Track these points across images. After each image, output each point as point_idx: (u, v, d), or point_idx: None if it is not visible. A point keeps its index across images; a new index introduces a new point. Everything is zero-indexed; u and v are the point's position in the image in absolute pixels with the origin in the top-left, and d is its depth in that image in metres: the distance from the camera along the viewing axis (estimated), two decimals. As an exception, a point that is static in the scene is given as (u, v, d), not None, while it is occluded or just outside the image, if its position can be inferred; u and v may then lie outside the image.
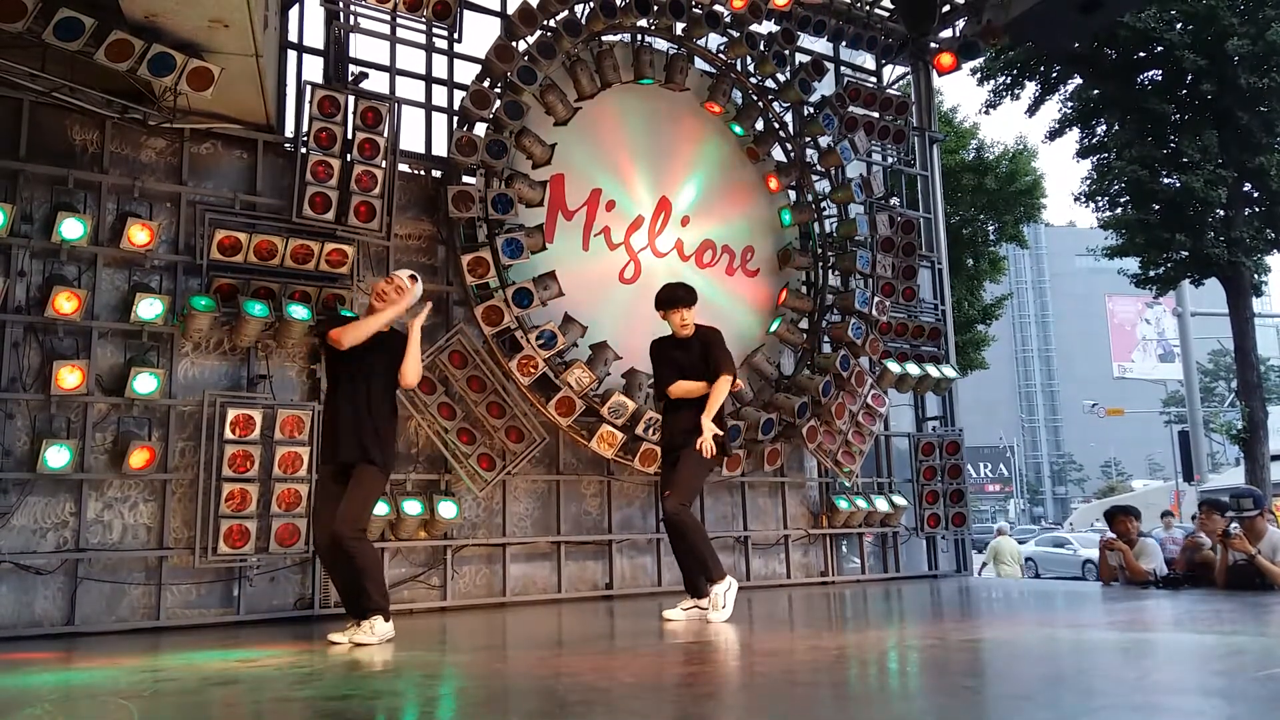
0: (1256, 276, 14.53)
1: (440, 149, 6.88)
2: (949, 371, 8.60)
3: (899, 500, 8.20)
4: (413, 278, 4.75)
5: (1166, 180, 14.17)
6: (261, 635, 4.31)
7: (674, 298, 5.19)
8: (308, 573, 5.87)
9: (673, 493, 4.93)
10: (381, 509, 5.78)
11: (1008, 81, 15.20)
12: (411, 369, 4.59)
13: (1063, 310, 68.99)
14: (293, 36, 6.53)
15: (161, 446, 5.48)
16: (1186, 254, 14.30)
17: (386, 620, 4.38)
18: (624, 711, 2.65)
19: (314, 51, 6.55)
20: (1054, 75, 15.09)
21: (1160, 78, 14.32)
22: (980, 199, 16.49)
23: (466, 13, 6.88)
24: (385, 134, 6.21)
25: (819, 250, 8.31)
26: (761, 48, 7.90)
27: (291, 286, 5.85)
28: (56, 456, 5.08)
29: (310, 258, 5.90)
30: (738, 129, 8.13)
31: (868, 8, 9.26)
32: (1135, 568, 6.66)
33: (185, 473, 5.60)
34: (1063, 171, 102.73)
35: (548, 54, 6.89)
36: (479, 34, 7.21)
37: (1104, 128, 15.25)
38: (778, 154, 8.44)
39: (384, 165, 6.16)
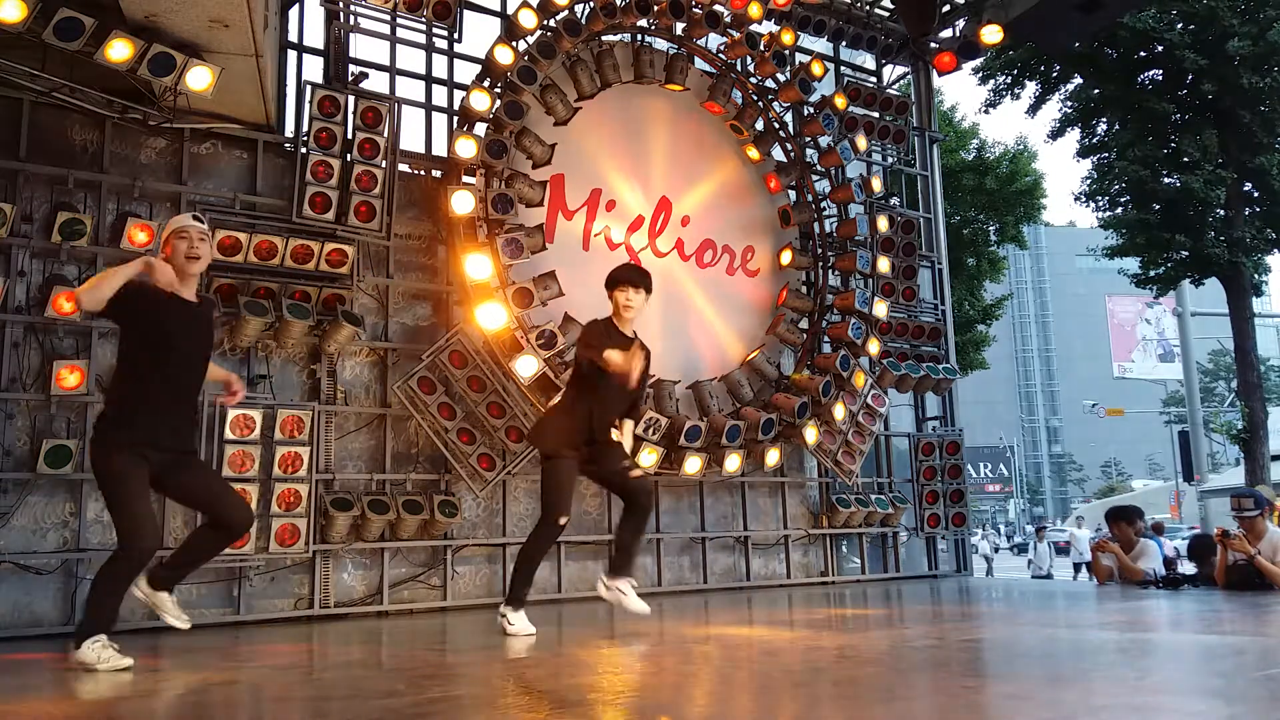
0: (1256, 276, 14.52)
1: (440, 149, 6.89)
2: (949, 372, 8.60)
3: (899, 500, 8.21)
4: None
5: (1167, 180, 14.17)
6: (261, 635, 4.31)
7: (618, 277, 4.68)
8: (308, 573, 5.87)
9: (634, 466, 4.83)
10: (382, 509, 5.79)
11: (1008, 81, 15.20)
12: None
13: (1063, 310, 69.01)
14: (293, 36, 6.54)
15: (161, 446, 5.47)
16: (1186, 254, 14.29)
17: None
18: (623, 711, 2.65)
19: (314, 51, 6.56)
20: (1054, 75, 15.09)
21: (1161, 77, 14.32)
22: (980, 199, 16.48)
23: (466, 13, 6.88)
24: (385, 134, 6.22)
25: (819, 250, 8.31)
26: (761, 48, 7.90)
27: (291, 286, 5.85)
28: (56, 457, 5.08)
29: (310, 258, 5.90)
30: (738, 129, 8.13)
31: (868, 8, 9.26)
32: (1130, 569, 6.65)
33: (185, 473, 5.59)
34: (1063, 171, 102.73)
35: (548, 54, 6.89)
36: (479, 34, 7.22)
37: (1104, 127, 15.25)
38: (778, 154, 8.44)
39: (384, 165, 6.16)
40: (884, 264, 8.17)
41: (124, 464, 3.65)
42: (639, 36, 7.66)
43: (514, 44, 6.82)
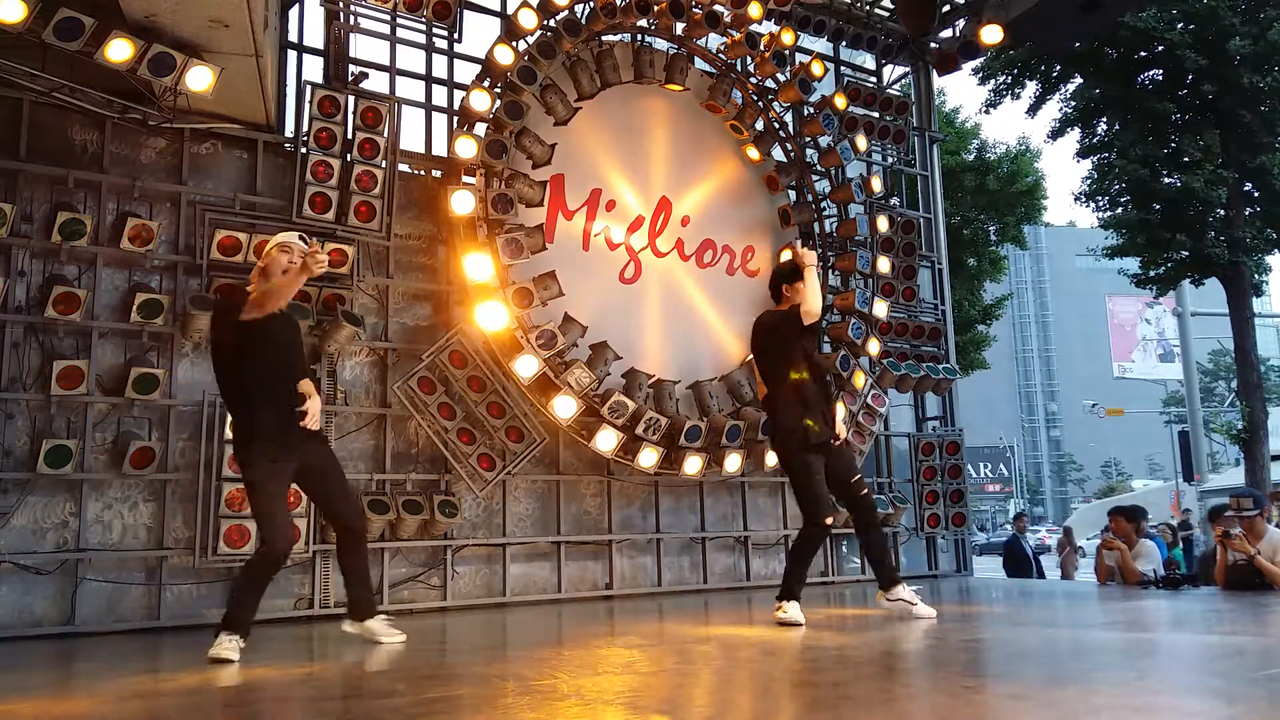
0: (1257, 276, 14.50)
1: (440, 149, 6.89)
2: (949, 372, 8.59)
3: (899, 500, 8.21)
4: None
5: (1167, 180, 14.15)
6: (261, 635, 4.31)
7: (783, 272, 4.95)
8: (308, 573, 5.87)
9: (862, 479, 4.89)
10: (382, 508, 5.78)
11: (1008, 81, 15.17)
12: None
13: (1063, 310, 68.97)
14: (293, 36, 6.54)
15: (161, 446, 5.48)
16: (1187, 254, 14.27)
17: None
18: (623, 711, 2.65)
19: (314, 51, 6.56)
20: (1054, 75, 15.07)
21: (1161, 77, 14.30)
22: (981, 199, 16.47)
23: (466, 13, 6.89)
24: (385, 134, 6.22)
25: (819, 250, 8.31)
26: (761, 48, 7.90)
27: (291, 286, 5.84)
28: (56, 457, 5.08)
29: (310, 258, 5.89)
30: (738, 129, 8.13)
31: (868, 8, 9.26)
32: (1129, 569, 6.65)
33: (185, 473, 5.60)
34: (1063, 171, 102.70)
35: (548, 54, 6.89)
36: (479, 34, 7.22)
37: (1105, 127, 15.23)
38: (778, 154, 8.44)
39: (384, 165, 6.17)
40: (884, 264, 8.17)
41: (260, 472, 3.98)
42: (639, 36, 7.66)
43: (514, 44, 6.82)
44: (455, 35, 6.78)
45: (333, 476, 4.25)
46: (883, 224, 8.30)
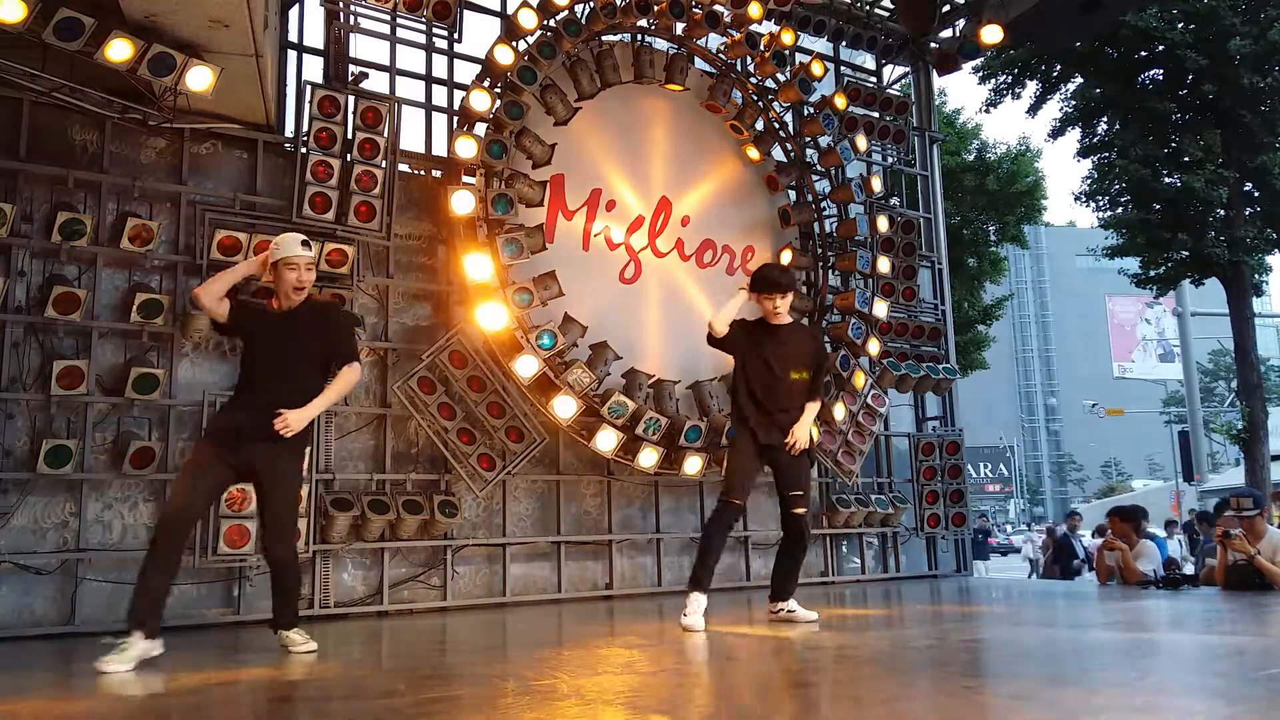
0: (1257, 276, 14.51)
1: (440, 149, 6.89)
2: (949, 372, 8.59)
3: (899, 500, 8.21)
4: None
5: (1168, 180, 14.16)
6: (261, 635, 4.31)
7: (769, 279, 4.88)
8: (307, 572, 5.86)
9: (806, 502, 4.79)
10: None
11: (1008, 81, 15.18)
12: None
13: (1063, 310, 69.01)
14: (293, 36, 6.54)
15: (161, 446, 5.48)
16: (1187, 254, 14.29)
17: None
18: (623, 711, 2.65)
19: (314, 51, 6.56)
20: (1055, 75, 15.08)
21: (1161, 77, 14.31)
22: (981, 199, 16.48)
23: (466, 13, 6.89)
24: (385, 134, 6.22)
25: (819, 250, 8.31)
26: (761, 48, 7.90)
27: (291, 286, 5.84)
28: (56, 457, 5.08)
29: (310, 258, 5.89)
30: (738, 129, 8.13)
31: (868, 8, 9.26)
32: (1130, 569, 6.66)
33: (185, 473, 5.59)
34: (1063, 171, 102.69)
35: (548, 54, 6.89)
36: (479, 34, 7.22)
37: (1105, 127, 15.24)
38: (778, 154, 8.44)
39: (384, 165, 6.17)
40: (884, 264, 8.16)
41: (200, 449, 4.03)
42: (639, 36, 7.66)
43: (514, 44, 6.82)
44: (455, 35, 6.78)
45: (273, 498, 4.05)
46: (883, 224, 8.30)
